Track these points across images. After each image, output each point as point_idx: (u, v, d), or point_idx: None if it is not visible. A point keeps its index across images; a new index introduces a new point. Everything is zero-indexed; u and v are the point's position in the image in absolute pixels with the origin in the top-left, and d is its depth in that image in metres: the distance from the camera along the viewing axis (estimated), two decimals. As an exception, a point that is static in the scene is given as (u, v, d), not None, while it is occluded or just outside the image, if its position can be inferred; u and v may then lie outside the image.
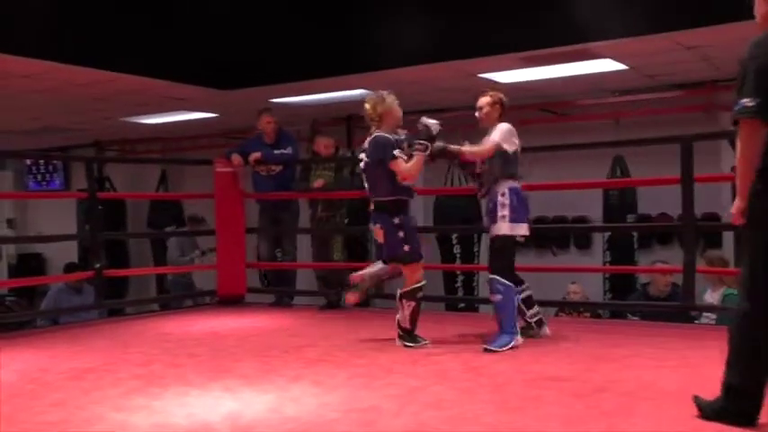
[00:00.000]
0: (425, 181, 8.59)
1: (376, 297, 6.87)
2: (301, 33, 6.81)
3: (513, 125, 4.57)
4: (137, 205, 10.87)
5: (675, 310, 5.56)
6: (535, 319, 4.64)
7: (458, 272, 8.40)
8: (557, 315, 6.46)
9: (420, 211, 8.57)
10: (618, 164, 7.68)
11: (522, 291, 4.60)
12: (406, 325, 4.50)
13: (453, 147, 4.53)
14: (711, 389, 2.84)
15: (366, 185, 4.54)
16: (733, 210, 2.70)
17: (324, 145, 6.69)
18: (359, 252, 8.25)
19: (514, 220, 4.40)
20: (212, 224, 7.18)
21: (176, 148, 10.69)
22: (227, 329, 5.42)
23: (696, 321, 5.66)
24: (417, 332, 4.53)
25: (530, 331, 4.60)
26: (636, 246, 7.74)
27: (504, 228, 4.41)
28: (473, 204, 8.22)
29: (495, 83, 6.84)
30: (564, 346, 4.40)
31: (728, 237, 6.82)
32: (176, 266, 8.50)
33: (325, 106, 8.24)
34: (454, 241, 8.42)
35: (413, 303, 4.47)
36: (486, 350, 4.24)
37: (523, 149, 4.64)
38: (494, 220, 4.44)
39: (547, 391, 3.38)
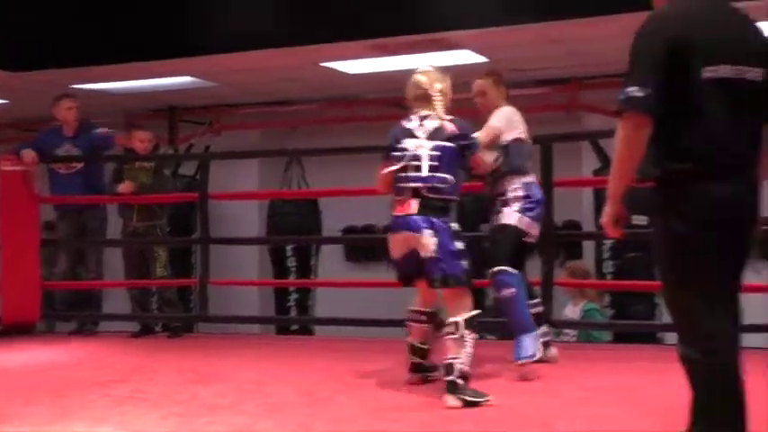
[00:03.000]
0: (260, 182, 8.58)
1: (200, 320, 6.79)
2: (113, 7, 6.61)
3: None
4: None
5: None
6: (542, 340, 4.57)
7: (291, 288, 8.40)
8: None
9: (254, 219, 8.55)
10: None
11: (534, 306, 4.54)
12: (467, 368, 3.72)
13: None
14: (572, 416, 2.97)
15: (421, 174, 3.88)
16: (604, 218, 2.58)
17: (140, 139, 6.54)
18: (186, 268, 8.12)
19: (527, 212, 4.25)
20: None
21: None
22: (14, 365, 5.20)
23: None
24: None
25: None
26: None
27: (512, 217, 4.25)
28: (312, 212, 8.29)
29: (342, 73, 6.94)
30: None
31: (589, 246, 7.26)
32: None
33: (143, 96, 8.06)
34: (289, 253, 8.38)
35: (476, 335, 3.81)
36: (518, 365, 4.16)
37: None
38: (500, 211, 4.30)
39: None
